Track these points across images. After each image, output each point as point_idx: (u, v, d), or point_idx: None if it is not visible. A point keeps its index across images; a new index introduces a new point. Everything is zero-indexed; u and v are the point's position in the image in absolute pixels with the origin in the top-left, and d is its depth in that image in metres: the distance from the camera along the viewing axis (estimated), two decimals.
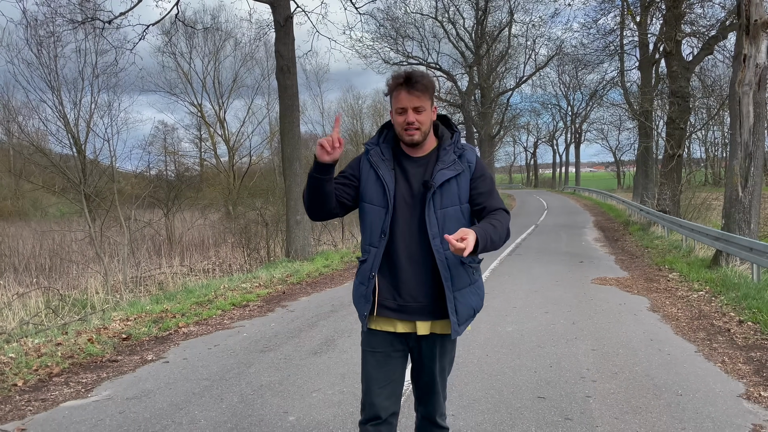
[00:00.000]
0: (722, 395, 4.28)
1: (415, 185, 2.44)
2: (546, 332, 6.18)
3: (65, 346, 6.12)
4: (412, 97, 2.36)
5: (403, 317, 2.47)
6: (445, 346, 2.56)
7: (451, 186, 2.42)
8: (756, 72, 9.85)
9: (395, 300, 2.46)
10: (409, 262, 2.44)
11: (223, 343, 6.23)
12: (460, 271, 2.44)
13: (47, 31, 15.79)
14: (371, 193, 2.47)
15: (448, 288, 2.40)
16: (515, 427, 3.74)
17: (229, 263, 15.92)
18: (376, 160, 2.49)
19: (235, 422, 3.96)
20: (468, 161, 2.47)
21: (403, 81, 2.37)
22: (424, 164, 2.47)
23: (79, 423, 4.08)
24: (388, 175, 2.45)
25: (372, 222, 2.47)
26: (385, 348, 2.52)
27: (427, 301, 2.44)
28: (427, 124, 2.43)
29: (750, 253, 8.46)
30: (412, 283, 2.44)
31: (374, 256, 2.46)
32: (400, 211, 2.43)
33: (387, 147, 2.53)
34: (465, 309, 2.46)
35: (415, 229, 2.42)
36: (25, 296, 10.30)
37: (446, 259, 2.40)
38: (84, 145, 20.16)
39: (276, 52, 13.93)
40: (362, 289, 2.51)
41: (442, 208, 2.41)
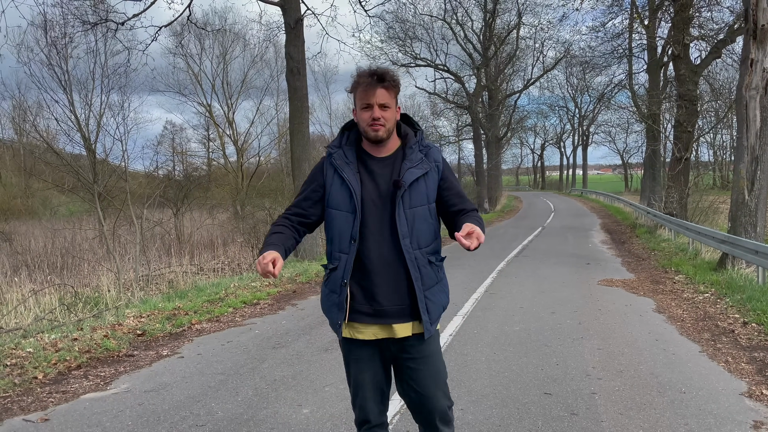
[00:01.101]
0: (725, 393, 4.38)
1: (383, 185, 2.40)
2: (552, 332, 6.29)
3: (81, 341, 6.27)
4: (379, 94, 2.34)
5: (379, 321, 2.42)
6: (430, 345, 2.50)
7: (419, 185, 2.40)
8: (763, 76, 9.92)
9: (370, 305, 2.41)
10: (381, 265, 2.39)
11: (236, 339, 6.37)
12: (428, 270, 2.43)
13: (60, 32, 16.02)
14: (337, 198, 2.42)
15: (419, 288, 2.38)
16: (522, 421, 3.86)
17: (238, 262, 16.08)
18: (339, 164, 2.43)
19: (251, 414, 4.10)
20: (435, 160, 2.45)
21: (371, 77, 2.34)
22: (390, 164, 2.44)
23: (100, 414, 4.23)
24: (354, 178, 2.40)
25: (340, 228, 2.42)
26: (364, 354, 2.48)
27: (403, 303, 2.41)
28: (392, 122, 2.41)
29: (756, 256, 8.53)
30: (386, 286, 2.39)
31: (345, 263, 2.40)
32: (368, 214, 2.39)
33: (350, 149, 2.48)
34: (435, 307, 2.45)
35: (386, 230, 2.38)
36: (39, 293, 10.49)
37: (416, 259, 2.39)
38: (95, 144, 20.40)
39: (286, 54, 14.09)
40: (334, 298, 2.46)
41: (412, 208, 2.38)
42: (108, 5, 13.58)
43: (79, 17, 14.01)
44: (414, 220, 2.38)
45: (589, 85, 42.45)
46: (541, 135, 68.76)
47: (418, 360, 2.46)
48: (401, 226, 2.36)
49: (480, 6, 36.06)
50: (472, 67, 38.72)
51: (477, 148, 38.51)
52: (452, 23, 35.96)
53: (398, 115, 2.48)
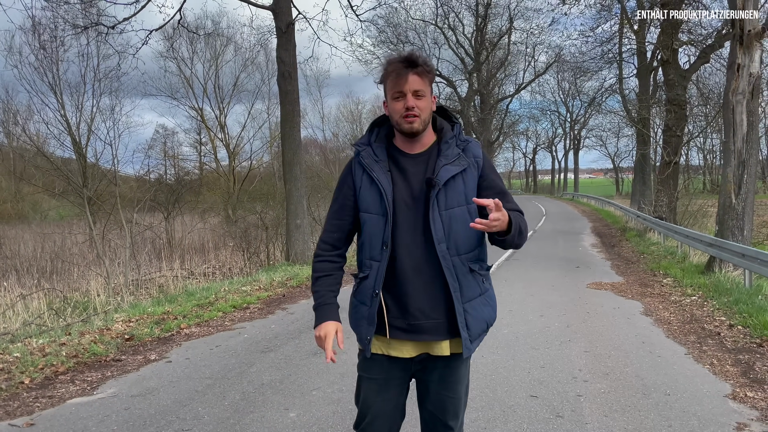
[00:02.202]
0: (709, 395, 4.42)
1: (416, 185, 2.18)
2: (540, 334, 6.32)
3: (69, 346, 6.24)
4: (412, 80, 2.12)
5: (414, 338, 2.18)
6: (460, 369, 2.25)
7: (456, 183, 2.16)
8: (749, 81, 10.01)
9: (405, 319, 2.18)
10: (415, 274, 2.16)
11: (225, 343, 6.36)
12: (469, 280, 2.18)
13: (51, 35, 15.98)
14: (367, 200, 2.20)
15: (457, 299, 2.14)
16: (508, 424, 3.88)
17: (230, 267, 16.06)
18: (368, 162, 2.21)
19: (238, 418, 4.10)
20: (474, 155, 2.22)
21: (402, 62, 2.12)
22: (424, 161, 2.21)
23: (86, 419, 4.21)
24: (384, 177, 2.17)
25: (371, 233, 2.20)
26: (383, 374, 2.25)
27: (441, 317, 2.17)
28: (427, 112, 2.17)
29: (742, 259, 8.60)
30: (421, 298, 2.16)
31: (377, 271, 2.18)
32: (401, 217, 2.16)
33: (380, 146, 2.25)
34: (477, 323, 2.19)
35: (419, 234, 2.16)
36: (28, 298, 10.43)
37: (454, 266, 2.15)
38: (85, 148, 20.35)
39: (277, 57, 14.10)
40: (364, 310, 2.22)
41: (448, 209, 2.15)
42: (98, 9, 13.55)
43: (70, 21, 13.98)
44: (451, 222, 2.14)
45: (580, 89, 42.74)
46: (533, 139, 69.03)
47: (446, 384, 2.24)
48: (436, 230, 2.13)
49: (472, 11, 36.28)
50: (464, 72, 38.90)
51: None
52: (444, 28, 36.16)
53: (434, 106, 2.24)
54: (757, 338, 6.01)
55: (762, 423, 3.89)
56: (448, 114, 2.33)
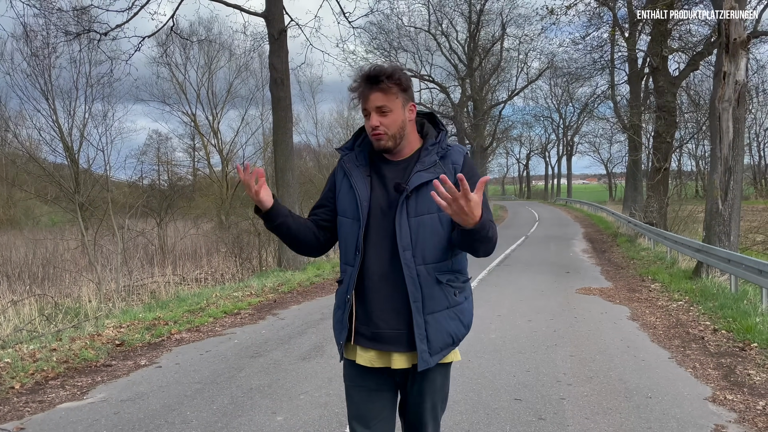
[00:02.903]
0: (689, 398, 4.50)
1: (392, 192, 2.16)
2: (527, 339, 6.40)
3: (60, 351, 6.28)
4: (374, 98, 2.10)
5: (377, 347, 2.15)
6: (435, 381, 2.22)
7: (429, 190, 2.05)
8: (735, 89, 10.16)
9: (368, 326, 2.16)
10: (381, 281, 2.13)
11: (215, 349, 6.41)
12: (435, 291, 2.11)
13: (43, 42, 16.01)
14: (344, 204, 2.22)
15: (417, 310, 2.08)
16: (491, 426, 3.95)
17: (222, 273, 16.08)
18: (349, 167, 2.23)
19: (226, 422, 4.16)
20: (453, 162, 2.16)
21: (364, 80, 2.12)
22: (403, 168, 2.19)
23: (75, 423, 4.26)
24: (362, 182, 2.18)
25: (346, 237, 2.21)
26: (368, 382, 2.22)
27: (402, 328, 2.12)
28: (396, 126, 2.13)
29: (728, 265, 8.72)
30: (385, 306, 2.13)
31: (350, 276, 2.18)
32: (375, 223, 2.15)
33: (362, 152, 2.26)
34: (440, 336, 2.12)
35: (388, 241, 2.13)
36: (19, 304, 10.44)
37: (418, 275, 2.09)
38: (77, 154, 20.34)
39: (270, 64, 14.18)
40: (339, 314, 2.24)
41: (417, 216, 2.10)
42: (91, 16, 13.60)
43: (62, 28, 14.01)
44: (419, 230, 2.09)
45: (573, 95, 43.02)
46: (526, 145, 69.32)
47: (425, 395, 2.23)
48: (402, 236, 2.08)
49: (465, 17, 36.46)
50: (457, 78, 39.07)
51: None
52: (437, 34, 36.32)
53: (411, 114, 2.19)
54: (739, 342, 6.10)
55: (740, 425, 3.98)
56: (437, 121, 2.30)
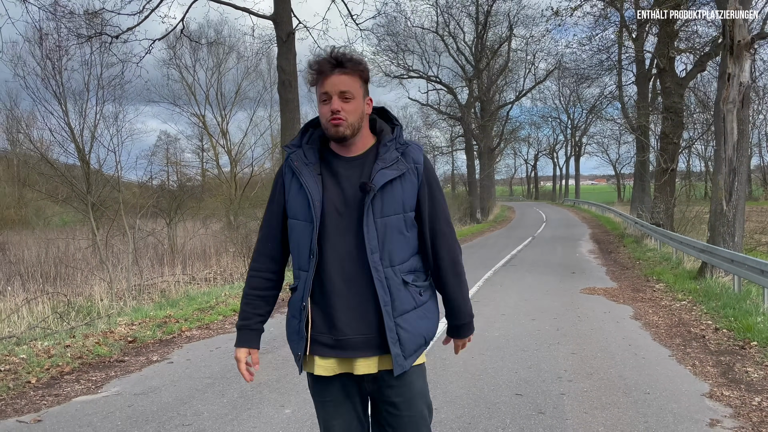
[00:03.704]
0: (687, 394, 4.61)
1: (349, 190, 2.03)
2: (530, 337, 6.52)
3: (74, 348, 6.45)
4: (337, 81, 1.99)
5: (341, 354, 2.04)
6: (414, 384, 2.10)
7: (394, 189, 2.02)
8: (740, 90, 10.22)
9: (331, 333, 2.04)
10: (345, 286, 2.02)
11: (225, 345, 6.57)
12: (402, 293, 2.04)
13: (55, 44, 16.25)
14: (295, 206, 2.08)
15: (388, 314, 2.01)
16: (492, 420, 4.07)
17: (230, 272, 16.25)
18: (297, 165, 2.08)
19: (236, 414, 4.31)
20: (414, 161, 2.07)
21: (328, 62, 2.00)
22: (359, 165, 2.06)
23: (91, 415, 4.42)
24: (312, 181, 2.04)
25: (299, 241, 2.08)
26: (334, 394, 2.12)
27: (371, 332, 2.03)
28: (357, 115, 2.02)
29: (731, 265, 8.79)
30: (349, 311, 2.03)
31: (305, 282, 2.05)
32: (331, 224, 2.03)
33: (311, 148, 2.12)
34: (412, 338, 2.05)
35: (351, 243, 2.02)
36: (32, 302, 10.65)
37: (386, 278, 2.01)
38: (89, 155, 20.62)
39: (278, 66, 14.36)
40: (294, 324, 2.11)
41: (383, 216, 2.01)
42: (103, 19, 13.82)
43: (74, 30, 14.24)
44: (386, 231, 2.01)
45: (581, 96, 43.01)
46: (534, 146, 69.32)
47: (398, 404, 2.09)
48: (370, 238, 1.99)
49: (472, 18, 36.56)
50: (464, 79, 39.15)
51: (469, 158, 38.89)
52: (444, 36, 36.43)
53: (369, 108, 2.10)
54: (740, 341, 6.19)
55: (735, 419, 4.08)
56: (389, 116, 2.19)
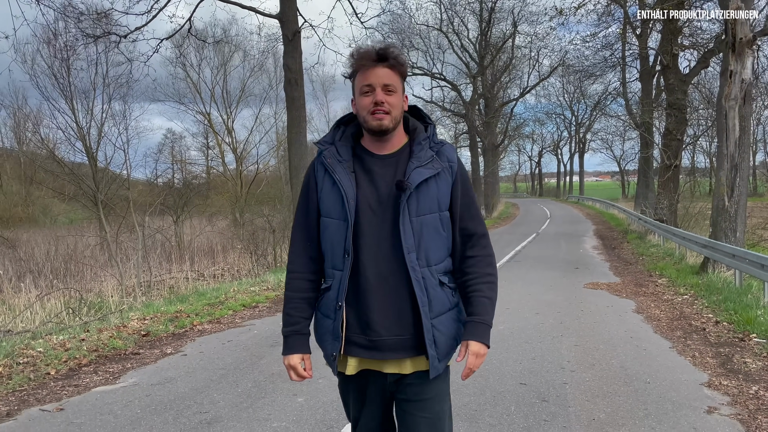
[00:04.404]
0: (686, 383, 4.76)
1: (383, 189, 2.01)
2: (534, 330, 6.67)
3: (89, 341, 6.64)
4: (382, 73, 1.98)
5: (376, 356, 2.02)
6: (439, 387, 2.08)
7: (429, 188, 2.00)
8: (741, 87, 10.34)
9: (366, 334, 2.02)
10: (380, 286, 1.99)
11: (236, 339, 6.74)
12: (438, 293, 2.02)
13: (64, 44, 16.45)
14: (328, 203, 2.05)
15: (426, 314, 1.98)
16: (497, 407, 4.23)
17: (238, 268, 16.45)
18: (330, 162, 2.05)
19: (250, 402, 4.48)
20: (449, 160, 2.06)
21: (372, 55, 1.99)
22: (393, 163, 2.04)
23: (111, 404, 4.60)
24: (346, 178, 2.01)
25: (332, 239, 2.04)
26: (362, 392, 2.13)
27: (407, 333, 2.00)
28: (399, 109, 2.02)
29: (733, 260, 8.92)
30: (385, 312, 2.00)
31: (340, 282, 2.02)
32: (365, 222, 2.00)
33: (344, 145, 2.09)
34: (446, 340, 2.03)
35: (386, 242, 1.99)
36: (44, 299, 10.85)
37: (423, 278, 1.99)
38: (96, 153, 20.85)
39: (284, 65, 14.51)
40: (328, 324, 2.08)
41: (419, 215, 1.99)
42: (111, 19, 14.00)
43: (83, 30, 14.42)
44: (422, 230, 1.99)
45: (585, 93, 43.02)
46: (538, 142, 69.33)
47: (415, 403, 2.06)
48: (406, 237, 1.96)
49: (476, 15, 36.64)
50: (468, 76, 39.24)
51: (473, 155, 39.02)
52: (448, 33, 36.52)
53: (406, 105, 2.09)
54: (739, 333, 6.34)
55: (731, 407, 4.23)
56: (422, 114, 2.17)
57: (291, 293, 2.16)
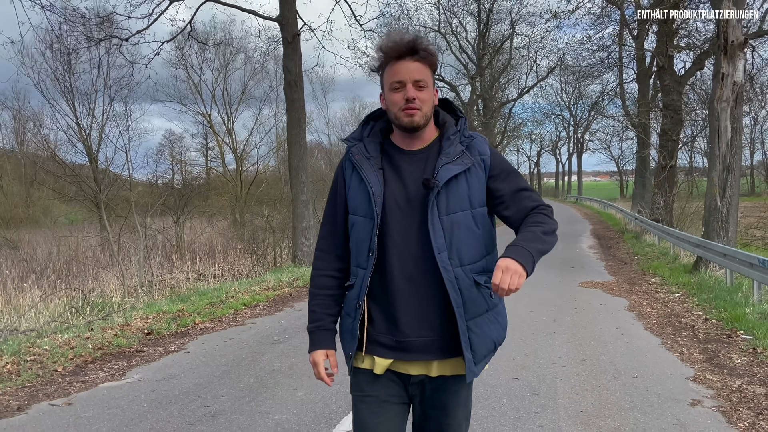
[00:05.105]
0: (672, 378, 4.94)
1: (412, 186, 1.95)
2: (528, 327, 6.85)
3: (94, 339, 6.81)
4: (412, 68, 1.90)
5: (403, 357, 1.96)
6: (460, 394, 2.02)
7: (459, 184, 1.93)
8: (733, 89, 10.51)
9: (392, 335, 1.96)
10: (407, 285, 1.94)
11: (237, 336, 6.92)
12: (473, 294, 1.93)
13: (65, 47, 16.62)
14: (356, 201, 2.00)
15: (461, 316, 1.90)
16: (489, 399, 4.41)
17: (238, 269, 16.63)
18: (358, 159, 1.99)
19: (252, 396, 4.65)
20: (480, 153, 1.98)
21: (403, 48, 1.90)
22: (422, 159, 1.98)
23: (118, 399, 4.77)
24: (374, 175, 1.96)
25: (358, 237, 1.99)
26: (377, 391, 2.02)
27: (434, 335, 1.95)
28: (429, 105, 1.95)
29: (724, 259, 9.09)
30: (413, 312, 1.94)
31: (362, 280, 1.97)
32: (392, 221, 1.94)
33: (372, 142, 2.03)
34: (483, 342, 1.95)
35: (414, 241, 1.93)
36: (47, 299, 11.02)
37: (456, 278, 1.90)
38: (96, 154, 21.04)
39: (284, 67, 14.68)
40: (348, 322, 2.02)
41: (449, 214, 1.92)
42: (113, 22, 14.17)
43: (85, 33, 14.59)
44: (453, 229, 1.92)
45: (583, 93, 43.24)
46: (537, 142, 69.53)
47: (440, 409, 2.02)
48: (436, 237, 1.89)
49: (474, 17, 36.84)
50: (466, 77, 39.43)
51: None
52: (447, 34, 36.72)
53: (436, 99, 2.02)
54: (727, 330, 6.51)
55: (715, 400, 4.41)
56: (453, 107, 2.09)
57: (316, 290, 2.12)
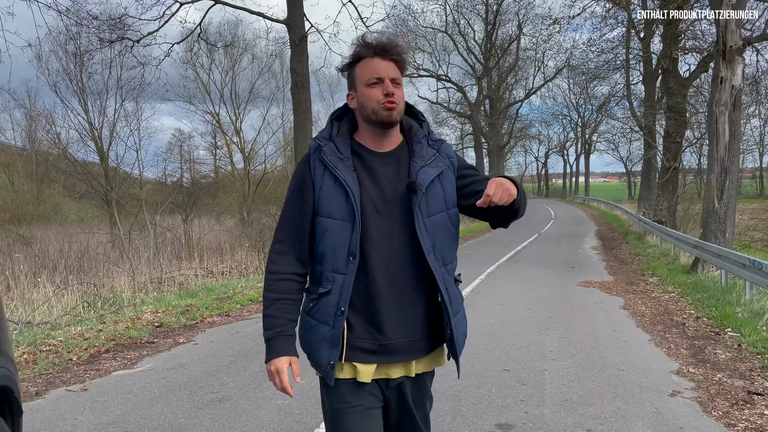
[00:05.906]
0: (657, 371, 5.17)
1: (387, 187, 1.93)
2: (524, 324, 7.09)
3: (106, 332, 7.11)
4: (389, 67, 1.92)
5: (386, 360, 1.94)
6: (428, 386, 2.11)
7: (435, 188, 1.94)
8: (732, 93, 10.71)
9: (374, 339, 1.92)
10: (391, 289, 1.92)
11: (244, 330, 7.20)
12: (455, 292, 2.01)
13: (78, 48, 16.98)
14: (329, 203, 1.91)
15: (450, 313, 1.95)
16: (479, 389, 4.67)
17: (245, 266, 16.93)
18: (331, 159, 1.92)
19: (257, 384, 4.93)
20: (448, 156, 2.01)
21: (378, 47, 1.93)
22: (394, 162, 1.97)
23: (130, 385, 5.06)
24: (350, 177, 1.90)
25: (335, 242, 1.90)
26: (362, 400, 1.95)
27: (416, 335, 1.96)
28: (403, 104, 1.97)
29: (719, 260, 9.30)
30: (397, 315, 1.93)
31: (342, 286, 1.90)
32: (370, 223, 1.90)
33: (343, 142, 1.97)
34: (461, 338, 2.03)
35: (397, 244, 1.91)
36: (60, 293, 11.36)
37: (443, 279, 1.96)
38: (107, 152, 21.43)
39: (291, 69, 14.98)
40: (324, 331, 1.92)
41: (430, 216, 1.93)
42: (125, 24, 14.51)
43: (98, 34, 14.94)
44: (435, 231, 1.94)
45: (591, 94, 43.33)
46: (544, 143, 69.68)
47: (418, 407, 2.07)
48: (423, 239, 1.90)
49: (481, 18, 37.05)
50: (473, 77, 39.65)
51: (478, 156, 39.43)
52: (454, 35, 36.96)
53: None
54: (716, 328, 6.73)
55: (694, 391, 4.64)
56: (414, 111, 2.10)
57: (275, 294, 1.98)
